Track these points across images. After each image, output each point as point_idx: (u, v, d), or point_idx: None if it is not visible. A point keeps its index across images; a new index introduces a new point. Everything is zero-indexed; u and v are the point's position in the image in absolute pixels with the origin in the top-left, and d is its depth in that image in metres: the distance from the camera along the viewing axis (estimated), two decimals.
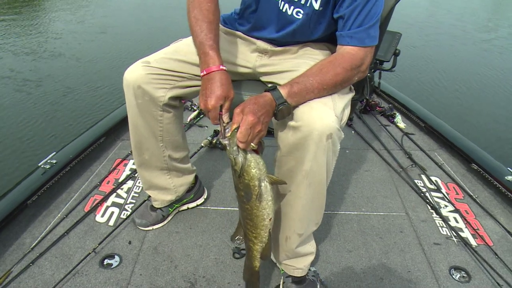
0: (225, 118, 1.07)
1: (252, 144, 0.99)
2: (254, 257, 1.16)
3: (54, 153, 1.96)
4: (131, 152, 2.17)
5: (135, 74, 1.31)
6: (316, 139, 1.03)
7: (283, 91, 1.04)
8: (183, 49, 1.36)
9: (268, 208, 1.05)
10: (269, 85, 1.38)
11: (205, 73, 1.10)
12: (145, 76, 1.30)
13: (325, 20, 1.23)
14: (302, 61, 1.28)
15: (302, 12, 1.22)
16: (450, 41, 6.86)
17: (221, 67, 1.11)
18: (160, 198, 1.64)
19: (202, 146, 2.24)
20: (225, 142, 1.00)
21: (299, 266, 1.35)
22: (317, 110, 1.05)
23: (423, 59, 5.58)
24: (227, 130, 1.01)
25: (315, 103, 1.08)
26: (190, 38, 1.37)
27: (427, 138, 2.49)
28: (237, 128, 0.97)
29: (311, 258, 1.38)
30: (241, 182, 1.02)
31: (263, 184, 1.02)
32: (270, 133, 2.00)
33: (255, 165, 1.00)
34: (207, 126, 2.52)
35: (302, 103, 1.08)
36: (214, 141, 2.25)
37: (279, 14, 1.26)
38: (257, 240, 1.11)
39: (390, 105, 2.80)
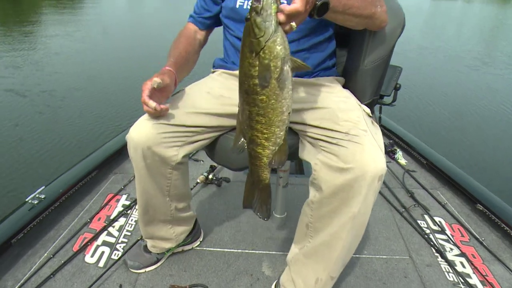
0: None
1: (292, 24, 0.85)
2: (264, 167, 1.00)
3: (43, 187, 1.87)
4: (124, 186, 2.10)
5: (143, 133, 1.20)
6: (369, 181, 1.00)
7: None
8: (187, 101, 1.30)
9: (289, 98, 0.92)
10: None
11: None
12: (156, 136, 1.20)
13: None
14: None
15: None
16: (452, 74, 6.86)
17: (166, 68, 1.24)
18: (160, 246, 1.57)
19: (198, 182, 2.17)
20: (257, 4, 0.82)
21: None
22: (369, 151, 1.02)
23: (425, 93, 5.54)
24: None
25: (366, 144, 1.04)
26: (189, 86, 1.37)
27: (429, 176, 2.43)
28: None
29: None
30: (257, 64, 0.87)
31: (285, 67, 0.88)
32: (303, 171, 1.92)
33: (281, 41, 0.85)
34: (202, 161, 2.44)
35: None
36: (210, 177, 2.18)
37: None
38: (269, 142, 0.96)
39: (391, 141, 2.74)
